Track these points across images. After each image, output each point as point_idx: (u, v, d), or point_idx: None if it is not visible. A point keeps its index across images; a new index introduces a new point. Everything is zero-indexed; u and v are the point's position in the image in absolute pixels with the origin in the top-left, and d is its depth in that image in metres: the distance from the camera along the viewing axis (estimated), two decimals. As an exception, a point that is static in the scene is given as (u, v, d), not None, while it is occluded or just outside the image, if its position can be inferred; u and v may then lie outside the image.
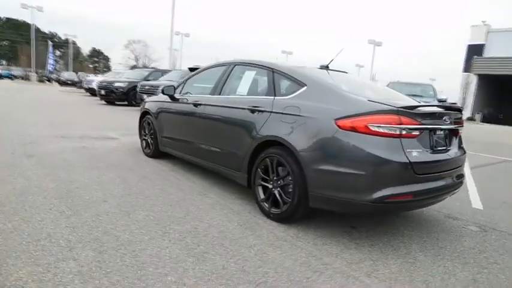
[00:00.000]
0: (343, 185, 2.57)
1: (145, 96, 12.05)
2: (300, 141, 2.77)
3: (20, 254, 2.17)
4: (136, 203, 3.22)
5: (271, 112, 3.08)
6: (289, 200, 2.87)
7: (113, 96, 13.96)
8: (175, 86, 4.61)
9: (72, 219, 2.75)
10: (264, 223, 2.99)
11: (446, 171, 2.79)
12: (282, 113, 2.98)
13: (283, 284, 2.08)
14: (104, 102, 14.98)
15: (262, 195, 3.16)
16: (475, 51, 23.88)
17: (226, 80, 3.85)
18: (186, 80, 4.59)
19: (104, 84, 14.22)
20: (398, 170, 2.45)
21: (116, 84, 13.83)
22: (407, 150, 2.49)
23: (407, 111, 2.53)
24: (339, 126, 2.57)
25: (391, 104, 2.60)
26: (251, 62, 3.72)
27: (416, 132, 2.56)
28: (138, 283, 1.97)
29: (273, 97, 3.19)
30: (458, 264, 2.52)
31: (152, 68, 16.62)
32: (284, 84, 3.21)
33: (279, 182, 3.00)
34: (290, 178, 2.88)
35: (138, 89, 12.60)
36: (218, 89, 3.87)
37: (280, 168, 2.99)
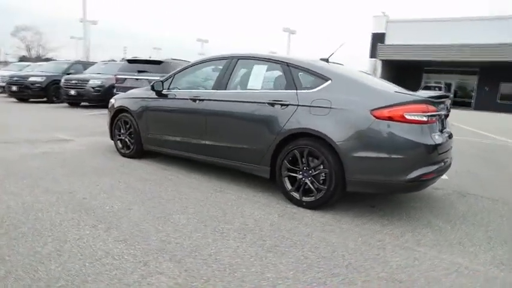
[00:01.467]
0: (382, 169, 2.86)
1: (72, 91, 10.93)
2: (336, 132, 2.96)
3: (96, 277, 1.97)
4: (165, 207, 3.07)
5: (297, 105, 3.20)
6: (325, 187, 3.07)
7: (27, 92, 12.20)
8: (157, 81, 4.37)
9: (114, 232, 2.53)
10: (300, 212, 3.14)
11: (447, 151, 3.29)
12: (311, 106, 3.13)
13: (366, 263, 2.29)
14: (14, 100, 13.00)
15: (289, 186, 3.30)
16: (378, 39, 26.85)
17: (231, 74, 3.81)
18: (174, 74, 4.38)
19: (15, 79, 12.32)
20: (429, 152, 2.84)
21: (32, 79, 12.11)
22: (432, 134, 2.89)
23: (430, 100, 2.91)
24: (376, 117, 2.84)
25: (413, 94, 2.96)
26: (258, 56, 3.75)
27: (435, 118, 2.97)
28: (246, 285, 1.98)
29: (294, 91, 3.30)
30: (470, 226, 3.04)
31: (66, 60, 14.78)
32: (305, 78, 3.35)
33: (310, 172, 3.16)
34: (323, 167, 3.07)
35: (62, 84, 11.25)
36: (223, 84, 3.81)
37: (310, 158, 3.16)
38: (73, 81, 11.05)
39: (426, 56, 25.05)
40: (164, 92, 4.30)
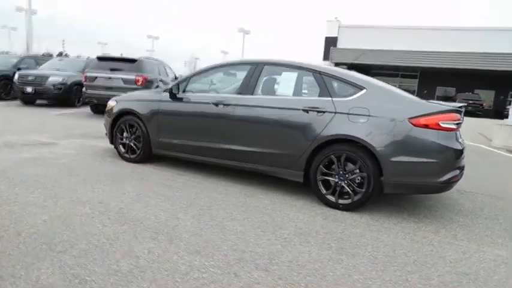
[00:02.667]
0: (418, 172, 3.12)
1: (28, 88, 10.01)
2: (376, 139, 3.16)
3: (198, 291, 1.93)
4: (211, 215, 3.02)
5: (335, 113, 3.34)
6: (363, 190, 3.25)
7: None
8: (174, 85, 4.24)
9: (180, 244, 2.46)
10: (338, 214, 3.28)
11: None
12: (349, 114, 3.29)
13: (428, 259, 2.50)
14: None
15: (324, 190, 3.43)
16: (331, 42, 28.13)
17: (257, 79, 3.83)
18: (189, 77, 4.28)
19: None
20: (457, 157, 3.15)
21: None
22: (459, 140, 3.21)
23: (457, 109, 3.23)
24: (413, 124, 3.08)
25: (440, 104, 3.26)
26: (287, 63, 3.83)
27: (459, 126, 3.29)
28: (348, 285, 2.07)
29: (330, 98, 3.44)
30: (484, 220, 3.42)
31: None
32: (338, 86, 3.50)
33: (346, 175, 3.33)
34: (359, 170, 3.25)
35: (16, 80, 10.21)
36: (249, 89, 3.82)
37: (347, 163, 3.32)
38: (30, 78, 10.08)
39: (374, 60, 26.78)
40: (179, 95, 4.19)
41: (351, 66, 30.38)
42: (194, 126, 4.10)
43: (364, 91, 3.36)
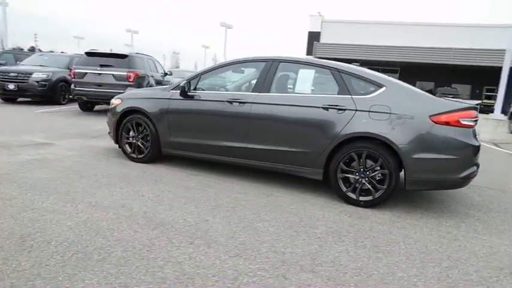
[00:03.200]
0: (439, 168, 3.19)
1: (11, 85, 9.58)
2: (398, 136, 3.20)
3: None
4: (239, 216, 2.98)
5: (355, 110, 3.36)
6: (384, 187, 3.29)
7: None
8: (184, 82, 4.13)
9: (219, 248, 2.41)
10: (360, 211, 3.31)
11: None
12: (370, 111, 3.31)
13: (460, 254, 2.56)
14: None
15: (345, 187, 3.46)
16: (314, 37, 28.27)
17: (273, 77, 3.79)
18: (200, 75, 4.19)
19: None
20: (475, 153, 3.24)
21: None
22: (476, 137, 3.30)
23: (475, 107, 3.31)
24: (434, 122, 3.14)
25: (459, 101, 3.33)
26: (303, 61, 3.82)
27: (476, 123, 3.38)
28: (392, 286, 2.09)
29: (349, 96, 3.45)
30: (497, 213, 3.54)
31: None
32: (357, 84, 3.51)
33: (367, 173, 3.36)
34: (380, 167, 3.29)
35: (-4, 76, 9.71)
36: (265, 87, 3.78)
37: (367, 160, 3.35)
38: (12, 74, 9.62)
39: (356, 55, 27.13)
40: (190, 93, 4.09)
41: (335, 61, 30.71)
42: (208, 125, 4.03)
43: (383, 89, 3.39)
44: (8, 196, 3.05)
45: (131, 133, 4.54)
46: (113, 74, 8.43)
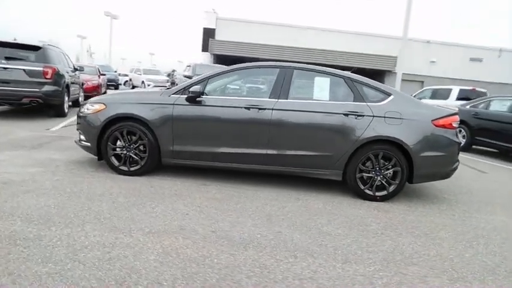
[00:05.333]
0: (438, 163, 3.86)
1: None
2: (409, 138, 3.72)
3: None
4: (301, 223, 3.04)
5: (373, 116, 3.76)
6: (396, 182, 3.81)
7: None
8: (190, 87, 3.86)
9: (322, 256, 2.47)
10: (381, 205, 3.75)
11: None
12: (385, 117, 3.76)
13: (485, 232, 3.22)
14: None
15: (362, 185, 3.86)
16: (209, 34, 28.29)
17: (290, 84, 3.89)
18: (208, 79, 3.95)
19: None
20: (459, 149, 4.03)
21: None
22: (458, 136, 4.10)
23: (457, 112, 4.08)
24: (435, 125, 3.79)
25: (447, 107, 4.09)
26: (318, 69, 4.02)
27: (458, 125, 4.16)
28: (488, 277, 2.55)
29: (365, 103, 3.83)
30: (500, 196, 4.48)
31: None
32: (369, 92, 3.90)
33: (382, 171, 3.82)
34: (392, 166, 3.80)
35: None
36: (283, 93, 3.84)
37: (381, 160, 3.81)
38: None
39: (251, 53, 28.36)
40: (199, 98, 3.85)
41: (227, 59, 31.39)
42: (222, 132, 3.86)
43: (392, 97, 3.89)
44: (30, 235, 2.41)
45: (119, 143, 3.98)
46: (24, 69, 6.95)
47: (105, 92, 15.03)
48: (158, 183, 3.80)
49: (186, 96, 3.86)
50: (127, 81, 26.59)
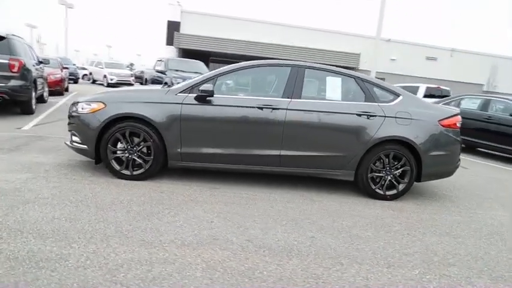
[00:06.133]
0: (444, 161, 3.98)
1: None
2: (418, 138, 3.79)
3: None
4: (332, 226, 2.99)
5: (385, 116, 3.78)
6: (406, 181, 3.88)
7: None
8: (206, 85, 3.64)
9: (367, 262, 2.43)
10: (393, 204, 3.81)
11: None
12: (396, 117, 3.80)
13: (504, 228, 3.37)
14: None
15: (373, 185, 3.89)
16: (174, 26, 27.39)
17: (302, 83, 3.80)
18: (216, 77, 3.75)
19: None
20: (461, 147, 4.19)
21: None
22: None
23: (459, 112, 4.21)
24: (441, 125, 3.90)
25: (450, 108, 4.23)
26: (330, 69, 3.96)
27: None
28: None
29: (376, 103, 3.84)
30: (490, 191, 4.68)
31: None
32: (379, 92, 3.91)
33: (392, 170, 3.88)
34: (401, 165, 3.86)
35: None
36: (296, 93, 3.75)
37: (392, 160, 3.86)
38: None
39: (216, 47, 27.93)
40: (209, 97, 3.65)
41: (192, 53, 30.69)
42: (234, 133, 3.69)
43: (401, 98, 3.94)
44: (51, 254, 2.12)
45: (120, 145, 3.68)
46: (-15, 62, 6.24)
47: (67, 87, 14.02)
48: (166, 188, 3.56)
49: (195, 95, 3.65)
50: (85, 75, 25.07)
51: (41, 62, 8.76)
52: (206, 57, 31.09)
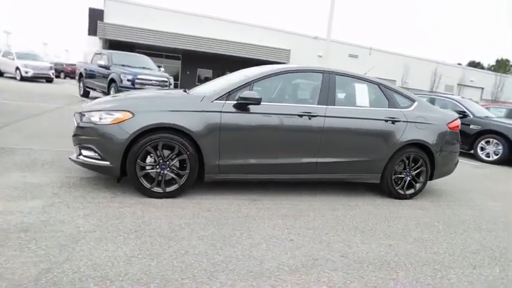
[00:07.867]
0: (450, 161, 4.40)
1: None
2: (433, 140, 4.11)
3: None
4: (387, 232, 3.08)
5: (407, 122, 4.01)
6: (422, 180, 4.20)
7: None
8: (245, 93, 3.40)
9: (451, 265, 2.58)
10: (411, 202, 4.08)
11: None
12: (416, 122, 4.06)
13: (500, 220, 3.84)
14: None
15: (395, 186, 4.12)
16: (96, 15, 24.83)
17: (334, 90, 3.80)
18: (252, 82, 3.53)
19: None
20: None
21: None
22: (458, 135, 4.72)
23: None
24: (449, 128, 4.29)
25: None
26: (355, 75, 4.03)
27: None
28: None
29: (399, 109, 4.04)
30: (482, 183, 5.21)
31: None
32: (398, 98, 4.12)
33: (411, 171, 4.15)
34: (419, 166, 4.16)
35: None
36: (330, 99, 3.74)
37: (409, 161, 4.13)
38: None
39: (143, 39, 26.27)
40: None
41: (115, 44, 28.36)
42: (276, 142, 3.54)
43: (416, 103, 4.22)
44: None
45: (149, 159, 3.25)
46: None
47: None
48: (208, 205, 3.26)
49: (234, 102, 3.40)
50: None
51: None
52: (130, 48, 29.04)
